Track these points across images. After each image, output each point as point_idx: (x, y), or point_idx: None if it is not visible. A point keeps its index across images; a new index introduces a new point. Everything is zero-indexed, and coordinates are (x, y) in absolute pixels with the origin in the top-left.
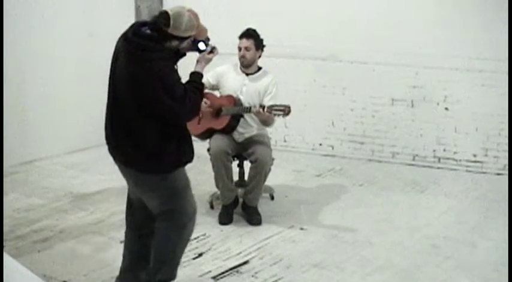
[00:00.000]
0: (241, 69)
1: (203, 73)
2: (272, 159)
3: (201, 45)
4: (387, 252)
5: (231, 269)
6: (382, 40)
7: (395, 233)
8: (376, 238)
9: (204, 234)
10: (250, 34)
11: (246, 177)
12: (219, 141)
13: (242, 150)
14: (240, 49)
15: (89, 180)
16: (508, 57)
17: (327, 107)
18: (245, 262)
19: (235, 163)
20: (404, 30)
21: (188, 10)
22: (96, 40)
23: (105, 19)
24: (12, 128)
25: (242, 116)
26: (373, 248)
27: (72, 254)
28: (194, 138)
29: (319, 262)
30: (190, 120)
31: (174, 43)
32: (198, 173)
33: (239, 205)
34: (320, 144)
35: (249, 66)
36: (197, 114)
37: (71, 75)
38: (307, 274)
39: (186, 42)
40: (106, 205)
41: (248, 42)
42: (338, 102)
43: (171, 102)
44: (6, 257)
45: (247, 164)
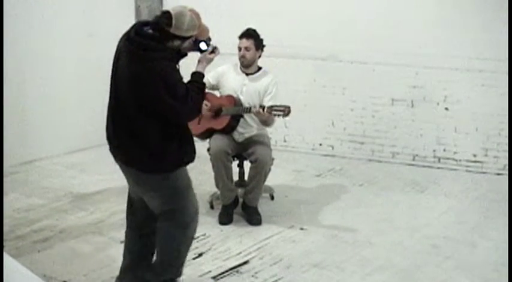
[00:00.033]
0: (241, 69)
1: (204, 73)
2: (272, 159)
3: (203, 45)
4: (387, 252)
5: (231, 269)
6: (382, 40)
7: (395, 233)
8: (376, 238)
9: (204, 234)
10: (250, 34)
11: (246, 177)
12: (219, 141)
13: (242, 150)
14: (240, 49)
15: (89, 180)
16: (508, 57)
17: (327, 107)
18: (245, 262)
19: (235, 163)
20: (404, 30)
21: (190, 10)
22: (96, 40)
23: (105, 19)
24: (12, 128)
25: (242, 116)
26: (373, 248)
27: (72, 254)
28: (194, 138)
29: (319, 262)
30: (192, 119)
31: (176, 43)
32: (198, 173)
33: (239, 205)
34: (320, 144)
35: (249, 66)
36: (199, 114)
37: (71, 75)
38: (307, 274)
39: (188, 42)
40: (106, 205)
41: (248, 42)
42: (338, 102)
43: (173, 101)
44: (6, 257)
45: (247, 164)
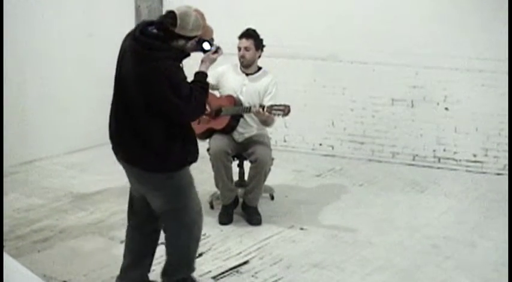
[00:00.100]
0: (241, 69)
1: (207, 73)
2: (272, 159)
3: (206, 45)
4: (387, 252)
5: (231, 269)
6: (382, 40)
7: (395, 233)
8: (376, 238)
9: (204, 234)
10: (250, 34)
11: (246, 177)
12: (219, 141)
13: (242, 150)
14: (240, 49)
15: (89, 180)
16: (508, 57)
17: (327, 107)
18: (245, 262)
19: (235, 163)
20: (404, 30)
21: (195, 10)
22: (96, 40)
23: (105, 19)
24: (12, 128)
25: (242, 116)
26: (373, 248)
27: (72, 254)
28: None
29: (319, 262)
30: (195, 119)
31: (181, 42)
32: (198, 173)
33: (239, 205)
34: (320, 144)
35: (249, 66)
36: (202, 113)
37: (71, 75)
38: (307, 274)
39: (192, 42)
40: (106, 205)
41: (248, 42)
42: (338, 102)
43: (178, 100)
44: (6, 257)
45: (247, 164)
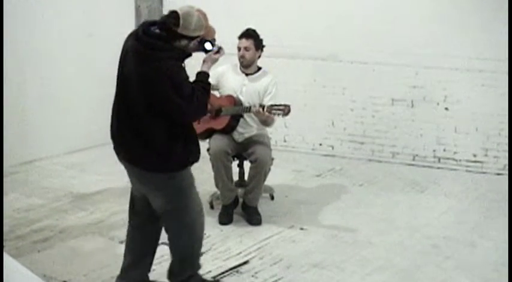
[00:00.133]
0: (240, 69)
1: (209, 73)
2: (272, 159)
3: (208, 45)
4: (387, 252)
5: (231, 269)
6: (382, 40)
7: (395, 233)
8: (376, 238)
9: (204, 234)
10: (249, 34)
11: (246, 177)
12: (219, 141)
13: (242, 150)
14: (240, 49)
15: (89, 180)
16: (508, 57)
17: (327, 107)
18: (245, 262)
19: (235, 163)
20: (404, 30)
21: (197, 10)
22: (96, 40)
23: (105, 19)
24: (12, 128)
25: (242, 116)
26: (373, 248)
27: (72, 254)
28: None
29: (319, 262)
30: (197, 119)
31: (183, 43)
32: (198, 173)
33: (239, 205)
34: (320, 144)
35: (249, 66)
36: (204, 113)
37: (71, 75)
38: (307, 274)
39: (194, 42)
40: (106, 205)
41: (248, 42)
42: (338, 102)
43: (180, 100)
44: (6, 257)
45: (247, 164)
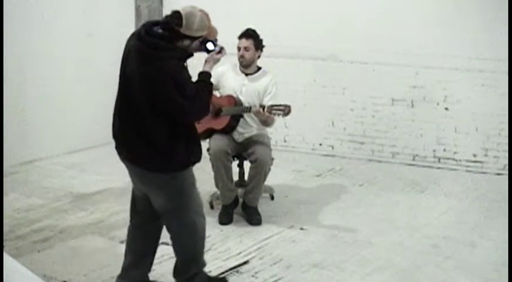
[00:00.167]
0: (240, 69)
1: (211, 73)
2: (272, 159)
3: (210, 45)
4: (387, 252)
5: (231, 269)
6: (382, 40)
7: (395, 233)
8: (376, 238)
9: None
10: (249, 34)
11: (246, 177)
12: (219, 141)
13: (242, 150)
14: (239, 49)
15: (89, 180)
16: (508, 57)
17: (327, 107)
18: (245, 262)
19: (235, 163)
20: (404, 30)
21: (200, 10)
22: (96, 40)
23: (105, 19)
24: (12, 128)
25: (242, 116)
26: (373, 248)
27: (72, 254)
28: None
29: (319, 262)
30: (199, 119)
31: (186, 43)
32: (198, 173)
33: (239, 205)
34: (320, 144)
35: (248, 66)
36: (207, 113)
37: (71, 75)
38: (307, 274)
39: (196, 42)
40: (106, 205)
41: (247, 42)
42: (338, 102)
43: (183, 100)
44: (6, 257)
45: (247, 164)
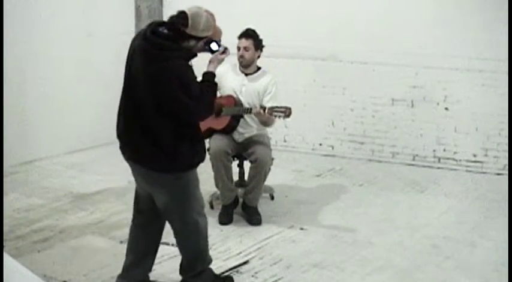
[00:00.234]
0: (240, 69)
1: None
2: (272, 159)
3: (214, 45)
4: (387, 252)
5: (231, 269)
6: (382, 40)
7: (395, 233)
8: (376, 238)
9: None
10: (249, 34)
11: (246, 177)
12: (219, 141)
13: (242, 150)
14: (239, 49)
15: (89, 180)
16: (508, 57)
17: (327, 107)
18: (245, 262)
19: (235, 163)
20: (404, 30)
21: (205, 11)
22: (95, 40)
23: (104, 19)
24: (12, 128)
25: (242, 117)
26: (373, 248)
27: (72, 254)
28: None
29: (319, 262)
30: (204, 119)
31: (191, 43)
32: (199, 173)
33: (239, 205)
34: (320, 144)
35: (248, 66)
36: (211, 113)
37: (71, 75)
38: (307, 274)
39: (201, 42)
40: (106, 205)
41: (247, 42)
42: (338, 102)
43: (188, 101)
44: (6, 257)
45: (247, 164)
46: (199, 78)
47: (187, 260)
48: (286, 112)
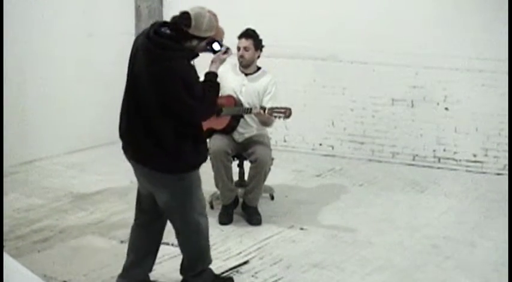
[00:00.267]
0: (240, 69)
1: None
2: (272, 159)
3: (216, 45)
4: (387, 252)
5: (231, 269)
6: (382, 40)
7: (395, 233)
8: (376, 238)
9: None
10: (249, 34)
11: (246, 177)
12: (219, 141)
13: (242, 150)
14: (239, 49)
15: (89, 180)
16: (508, 57)
17: (327, 107)
18: (245, 262)
19: (235, 163)
20: (404, 30)
21: (208, 11)
22: (96, 40)
23: (105, 19)
24: (12, 128)
25: (242, 117)
26: (373, 248)
27: (72, 254)
28: None
29: (319, 262)
30: (206, 119)
31: (194, 43)
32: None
33: (239, 205)
34: (320, 144)
35: (248, 66)
36: (214, 113)
37: (71, 75)
38: (307, 274)
39: (203, 42)
40: (106, 205)
41: (247, 42)
42: (338, 102)
43: (192, 101)
44: (6, 257)
45: (247, 164)
46: (201, 78)
47: (188, 260)
48: (286, 113)
